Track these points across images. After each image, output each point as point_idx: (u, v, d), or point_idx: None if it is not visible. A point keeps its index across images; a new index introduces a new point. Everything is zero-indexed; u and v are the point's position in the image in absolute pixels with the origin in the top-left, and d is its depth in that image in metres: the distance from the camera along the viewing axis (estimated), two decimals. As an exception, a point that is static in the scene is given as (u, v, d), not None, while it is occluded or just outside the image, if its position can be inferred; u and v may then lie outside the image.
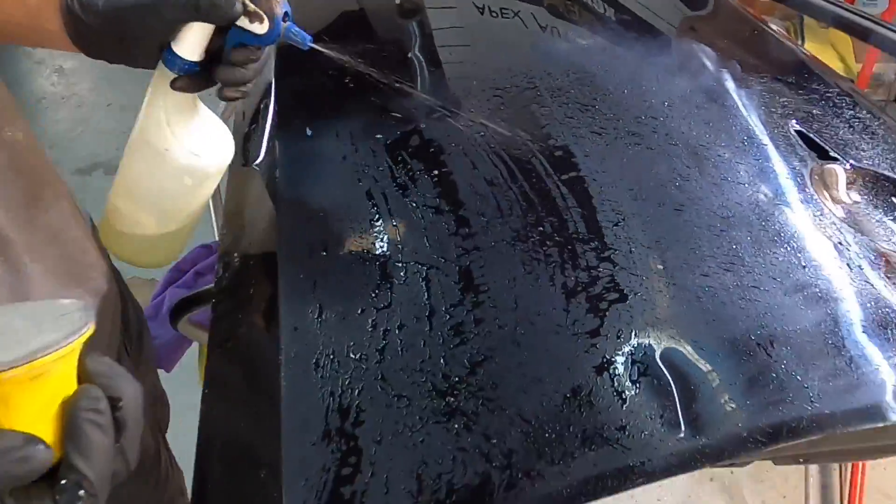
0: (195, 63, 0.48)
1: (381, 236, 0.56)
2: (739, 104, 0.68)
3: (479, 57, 0.81)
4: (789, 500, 1.48)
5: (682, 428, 0.40)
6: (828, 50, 2.43)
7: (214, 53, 0.49)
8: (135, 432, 0.34)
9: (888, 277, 0.48)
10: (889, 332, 0.44)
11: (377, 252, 0.55)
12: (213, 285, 0.66)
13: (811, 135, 0.63)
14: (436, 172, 0.61)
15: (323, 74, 0.80)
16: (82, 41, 0.47)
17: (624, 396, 0.42)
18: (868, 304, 0.46)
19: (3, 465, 0.29)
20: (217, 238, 1.22)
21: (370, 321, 0.50)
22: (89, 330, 0.31)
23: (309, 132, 0.70)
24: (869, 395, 0.41)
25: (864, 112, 0.69)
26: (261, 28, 0.48)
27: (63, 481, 0.30)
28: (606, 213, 0.54)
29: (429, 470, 0.41)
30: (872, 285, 0.47)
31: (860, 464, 1.43)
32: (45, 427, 0.30)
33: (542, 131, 0.64)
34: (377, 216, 0.58)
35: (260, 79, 0.57)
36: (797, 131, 0.63)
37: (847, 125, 0.66)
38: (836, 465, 1.54)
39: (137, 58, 0.49)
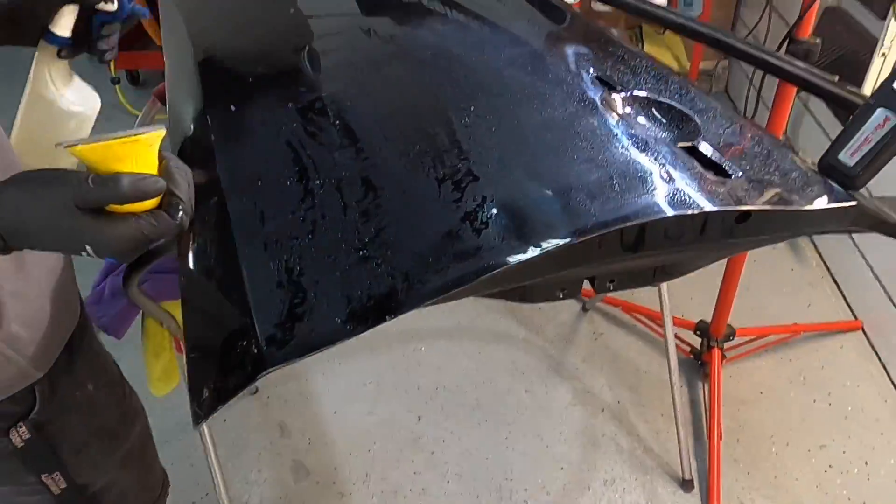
0: (68, 39, 0.74)
1: (301, 167, 0.75)
2: (556, 62, 0.93)
3: (363, 54, 1.03)
4: (666, 417, 1.76)
5: (519, 241, 0.62)
6: (664, 51, 2.85)
7: (80, 34, 0.75)
8: (192, 191, 0.56)
9: (646, 152, 0.73)
10: (644, 176, 0.68)
11: (300, 177, 0.74)
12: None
13: (605, 78, 0.88)
14: (337, 122, 0.82)
15: (243, 67, 0.99)
16: None
17: (480, 232, 0.64)
18: (631, 163, 0.70)
19: (143, 187, 0.51)
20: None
21: (300, 217, 0.69)
22: (164, 129, 0.55)
23: (233, 108, 0.89)
24: (636, 206, 0.64)
25: (645, 65, 0.95)
26: (112, 7, 0.77)
27: (168, 203, 0.53)
28: (463, 133, 0.77)
29: (353, 290, 0.61)
30: (638, 153, 0.72)
31: (716, 377, 1.73)
32: None
33: (416, 86, 0.86)
34: (297, 155, 0.77)
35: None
36: (595, 76, 0.89)
37: (632, 73, 0.92)
38: (700, 385, 1.83)
39: (25, 38, 0.73)
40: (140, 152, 0.52)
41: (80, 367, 0.83)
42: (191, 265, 0.69)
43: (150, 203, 0.53)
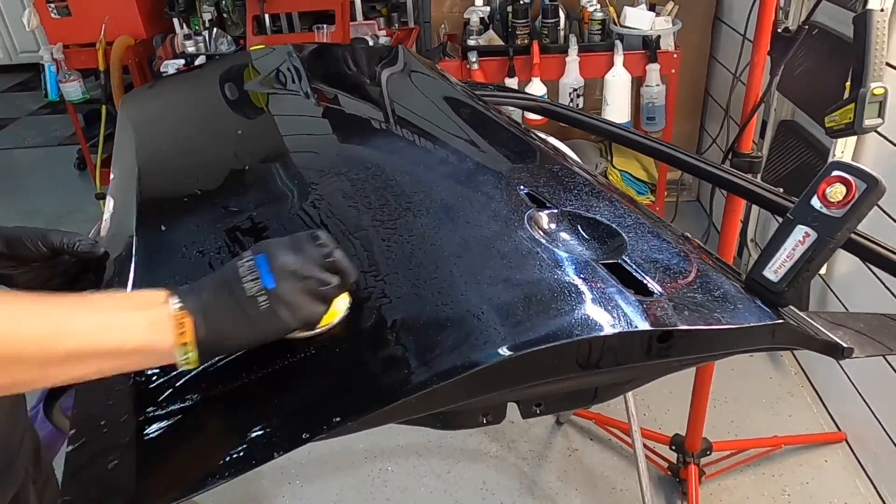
0: None
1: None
2: (489, 179, 0.94)
3: (299, 171, 1.03)
4: None
5: (424, 367, 0.59)
6: (633, 163, 2.92)
7: None
8: None
9: (565, 271, 0.71)
10: (559, 297, 0.66)
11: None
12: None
13: (535, 195, 0.89)
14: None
15: (178, 187, 1.00)
16: None
17: (387, 357, 0.61)
18: (547, 283, 0.68)
19: None
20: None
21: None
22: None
23: (163, 227, 0.89)
24: (546, 330, 0.61)
25: (581, 181, 0.96)
26: None
27: None
28: (383, 252, 0.76)
29: (243, 425, 0.57)
30: (557, 272, 0.70)
31: (694, 496, 1.63)
32: None
33: (344, 206, 0.86)
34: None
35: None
36: (526, 193, 0.89)
37: (564, 189, 0.93)
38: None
39: None
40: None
41: None
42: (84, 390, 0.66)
43: None
